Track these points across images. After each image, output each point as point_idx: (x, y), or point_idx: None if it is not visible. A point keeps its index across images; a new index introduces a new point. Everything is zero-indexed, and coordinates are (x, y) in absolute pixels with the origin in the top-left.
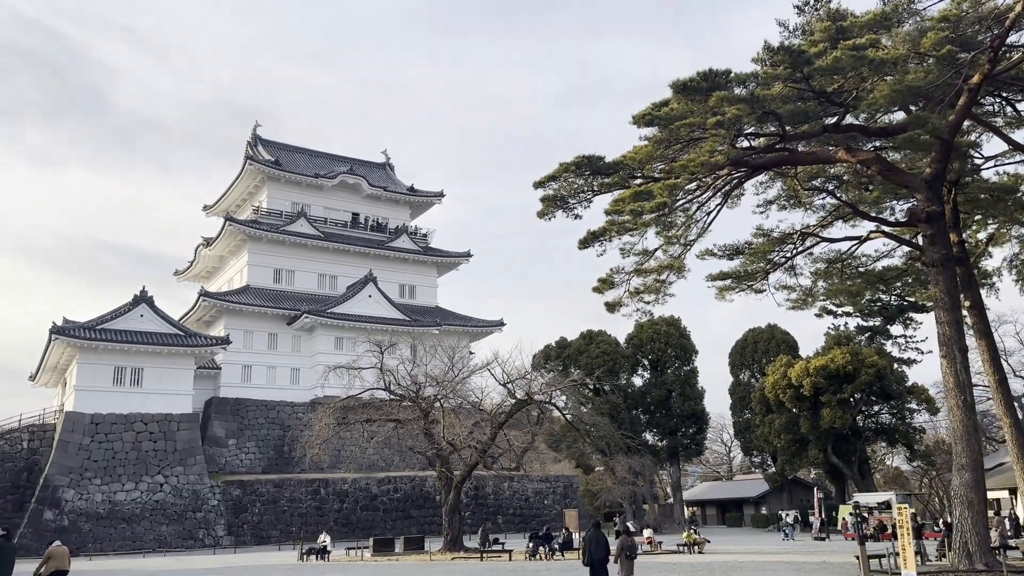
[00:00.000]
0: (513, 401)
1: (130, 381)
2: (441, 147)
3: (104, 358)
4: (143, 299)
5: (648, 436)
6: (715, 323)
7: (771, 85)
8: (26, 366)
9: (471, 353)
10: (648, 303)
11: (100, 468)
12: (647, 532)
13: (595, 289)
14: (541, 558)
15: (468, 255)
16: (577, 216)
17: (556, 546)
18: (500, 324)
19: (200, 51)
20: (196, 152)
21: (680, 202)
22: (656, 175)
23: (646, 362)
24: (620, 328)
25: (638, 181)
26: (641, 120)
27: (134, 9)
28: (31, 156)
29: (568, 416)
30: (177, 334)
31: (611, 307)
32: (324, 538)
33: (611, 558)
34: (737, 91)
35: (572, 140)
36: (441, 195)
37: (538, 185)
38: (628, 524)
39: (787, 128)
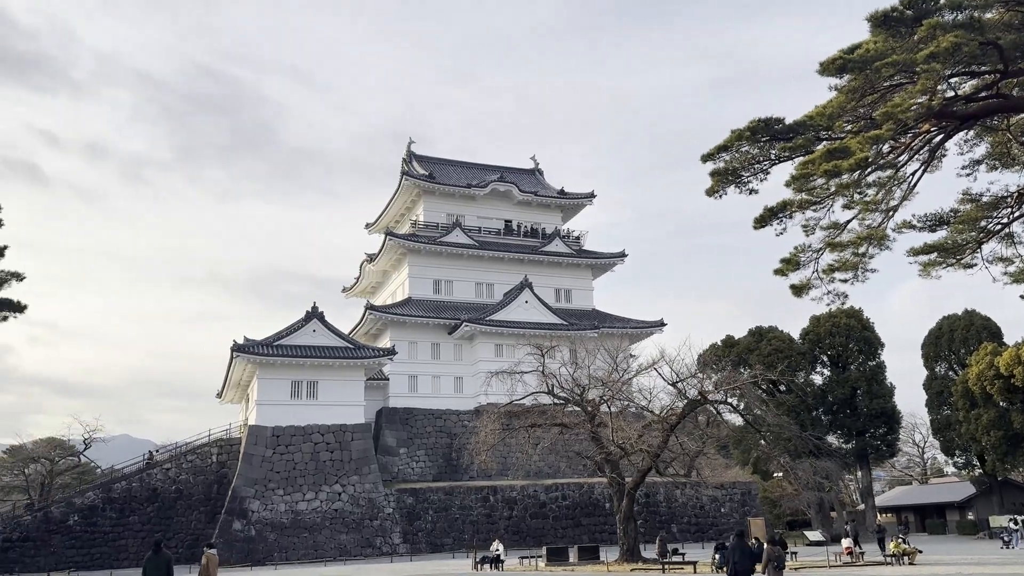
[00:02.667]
0: (684, 402)
1: (306, 394)
2: (588, 150)
3: (281, 373)
4: (314, 315)
5: (831, 438)
6: (893, 314)
7: (987, 10)
8: (211, 385)
9: (631, 356)
10: (845, 281)
11: (282, 479)
12: (846, 542)
13: (777, 271)
14: None
15: (623, 255)
16: (752, 191)
17: None
18: (660, 325)
19: (358, 83)
20: (358, 178)
21: (879, 162)
22: (844, 134)
23: (825, 358)
24: (791, 324)
25: (822, 145)
26: (831, 67)
27: (298, 49)
28: (214, 192)
29: (748, 417)
30: (347, 347)
31: (798, 290)
32: (497, 546)
33: (758, 568)
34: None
35: (721, 134)
36: (592, 196)
37: (707, 158)
38: (775, 533)
39: (1007, 64)
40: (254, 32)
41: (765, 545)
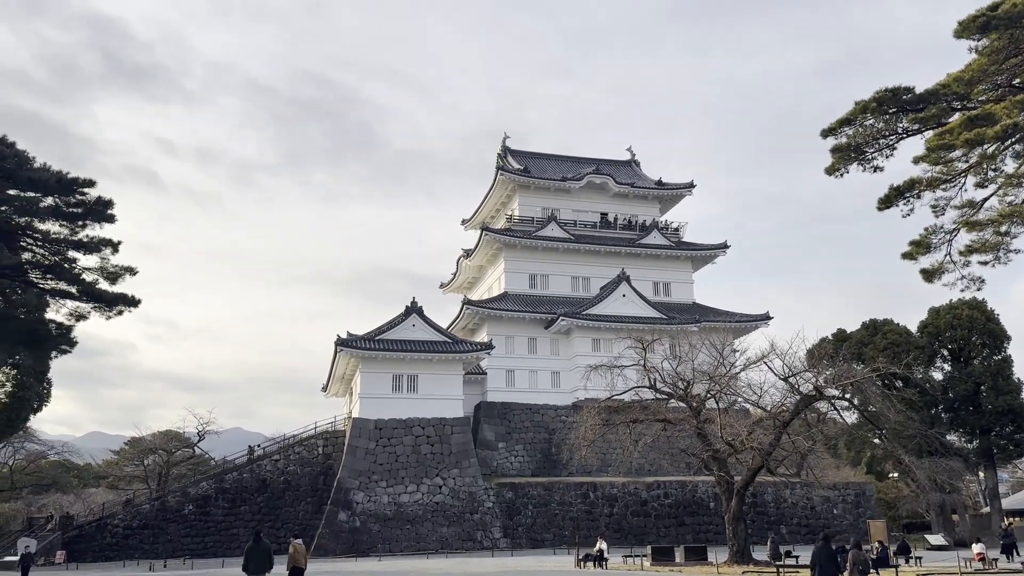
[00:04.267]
0: (797, 398)
1: (407, 388)
2: (689, 141)
3: (383, 367)
4: (413, 309)
5: (952, 437)
6: (1017, 305)
7: None
8: (317, 380)
9: (734, 351)
10: (985, 263)
11: (385, 471)
12: (977, 547)
13: (906, 255)
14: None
15: (724, 247)
16: (877, 168)
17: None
18: (766, 318)
19: (455, 83)
20: (455, 177)
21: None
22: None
23: (945, 352)
24: (904, 317)
25: (956, 116)
26: (971, 26)
27: (398, 52)
28: (319, 195)
29: (867, 413)
30: (445, 341)
31: (929, 275)
32: (601, 544)
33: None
34: None
35: (828, 119)
36: (691, 186)
37: (828, 133)
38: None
39: None
40: (357, 38)
41: (849, 550)
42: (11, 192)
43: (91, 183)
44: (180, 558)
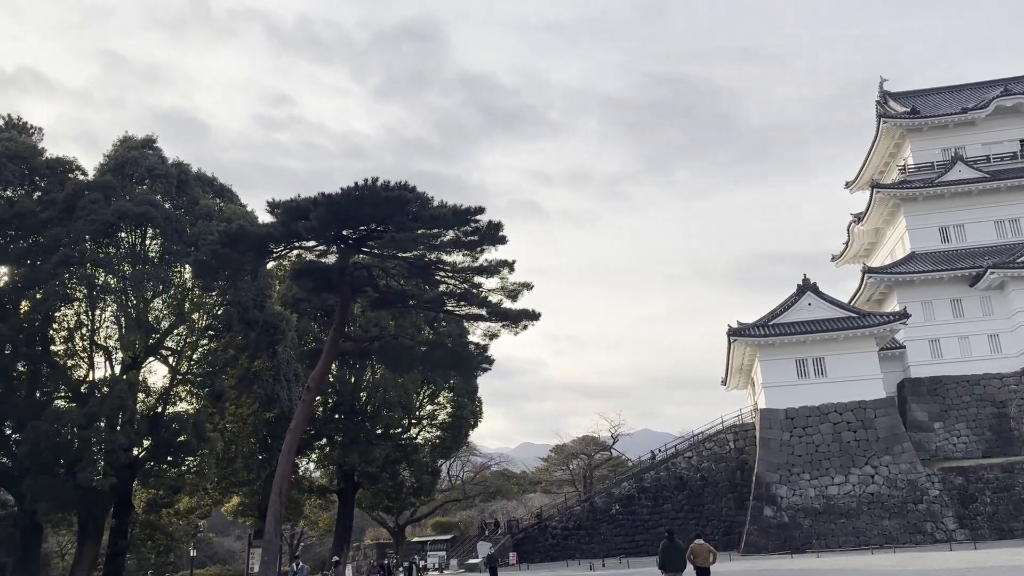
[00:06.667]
0: None
1: (813, 372)
2: None
3: (782, 352)
4: (807, 287)
5: None
6: None
7: None
8: (713, 375)
9: None
10: None
11: (805, 462)
12: None
13: None
14: None
15: None
16: None
17: None
18: None
19: (803, 45)
20: (825, 142)
21: None
22: None
23: None
24: None
25: None
26: None
27: (737, 30)
28: (683, 192)
29: None
30: (850, 316)
31: None
32: None
33: None
34: None
35: None
36: None
37: None
38: None
39: None
40: (693, 27)
41: None
42: (420, 231)
43: (481, 210)
44: (615, 556)
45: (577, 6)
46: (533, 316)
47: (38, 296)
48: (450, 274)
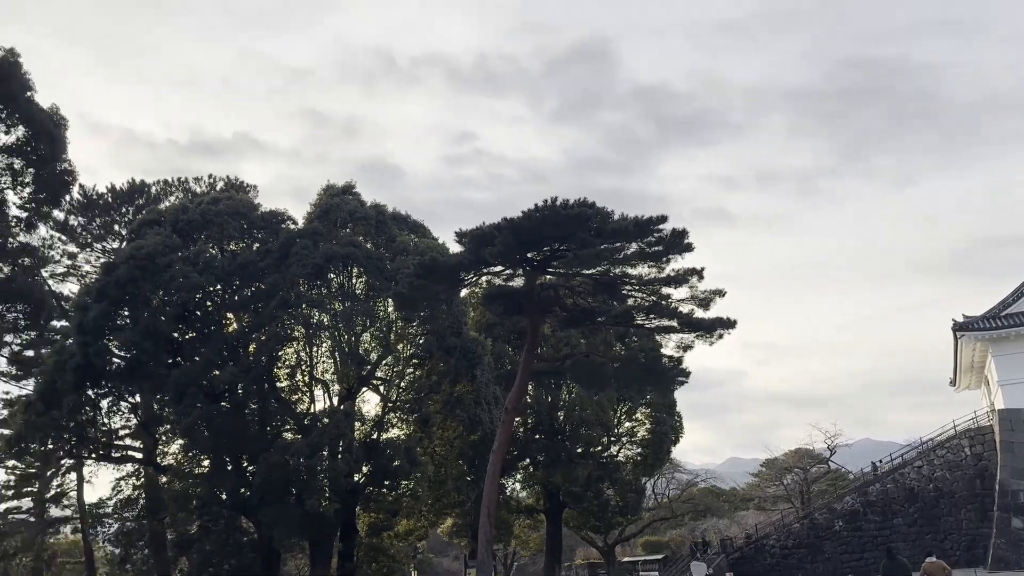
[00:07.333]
0: None
1: None
2: None
3: (1019, 345)
4: None
5: None
6: None
7: None
8: (938, 376)
9: None
10: None
11: None
12: None
13: None
14: None
15: None
16: None
17: None
18: None
19: (1007, 5)
20: None
21: None
22: None
23: None
24: None
25: None
26: None
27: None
28: (887, 179)
29: None
30: None
31: None
32: None
33: None
34: None
35: None
36: None
37: None
38: None
39: None
40: (882, 5)
41: None
42: (602, 246)
43: (663, 219)
44: None
45: (751, 2)
46: (728, 324)
47: (263, 338)
48: (637, 287)
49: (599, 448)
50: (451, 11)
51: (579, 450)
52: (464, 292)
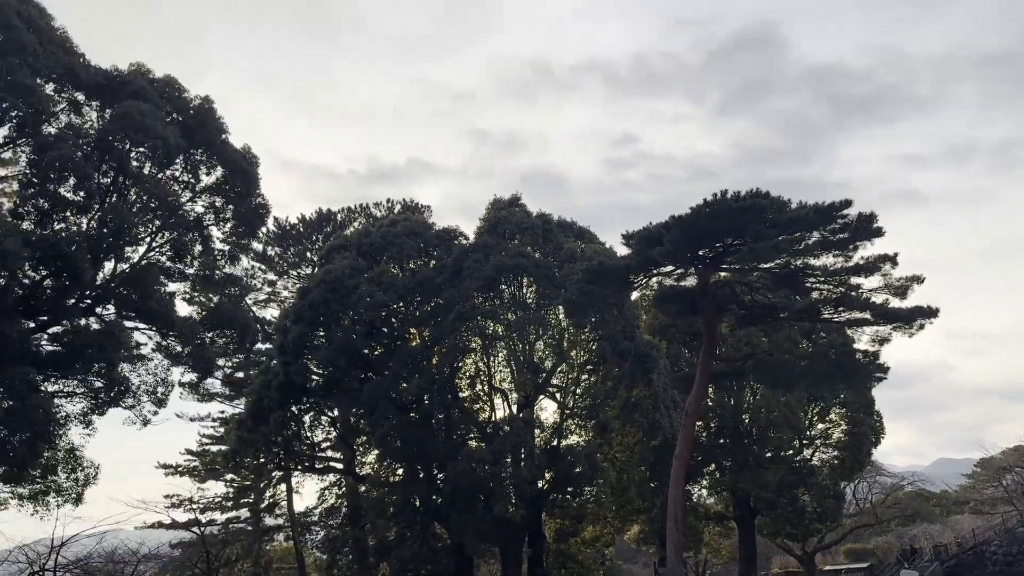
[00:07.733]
0: None
1: None
2: None
3: None
4: None
5: None
6: None
7: None
8: None
9: None
10: None
11: None
12: None
13: None
14: None
15: None
16: None
17: None
18: None
19: None
20: None
21: None
22: None
23: None
24: None
25: None
26: None
27: None
28: None
29: None
30: None
31: None
32: None
33: None
34: None
35: None
36: None
37: None
38: None
39: None
40: None
41: None
42: (780, 238)
43: (848, 203)
44: None
45: None
46: (930, 313)
47: (443, 350)
48: (822, 279)
49: (790, 452)
50: (604, 16)
51: (768, 454)
52: (635, 295)
